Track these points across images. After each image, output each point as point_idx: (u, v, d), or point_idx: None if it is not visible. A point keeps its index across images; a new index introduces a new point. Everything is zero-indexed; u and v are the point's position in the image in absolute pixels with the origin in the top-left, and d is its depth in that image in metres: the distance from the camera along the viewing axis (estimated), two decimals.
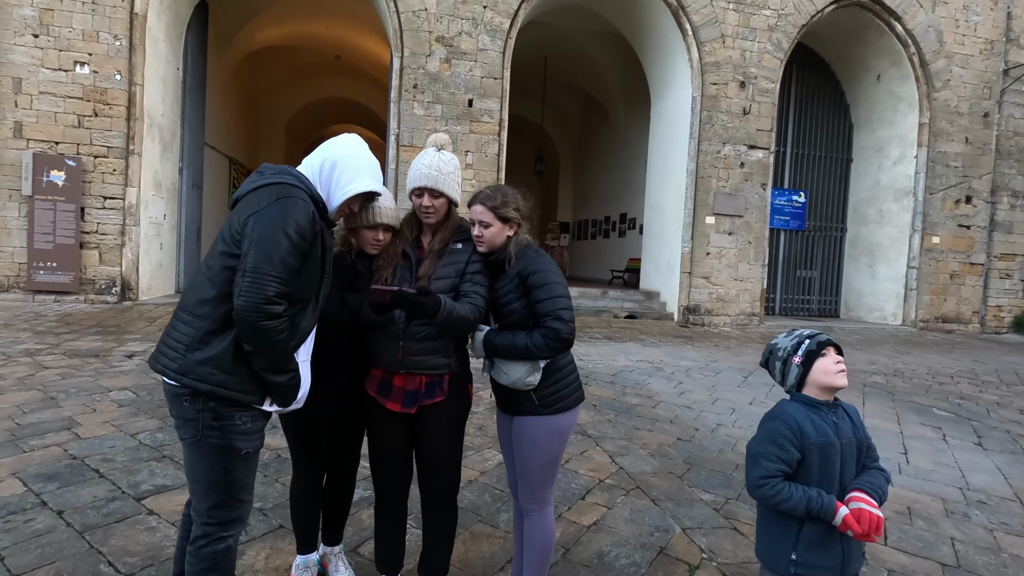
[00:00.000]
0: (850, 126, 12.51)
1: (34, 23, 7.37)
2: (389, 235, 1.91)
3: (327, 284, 1.68)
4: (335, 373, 1.88)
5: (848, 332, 10.18)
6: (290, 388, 1.57)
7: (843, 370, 1.48)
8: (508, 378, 1.80)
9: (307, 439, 1.95)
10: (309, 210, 1.53)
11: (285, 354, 1.54)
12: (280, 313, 1.47)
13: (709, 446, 3.84)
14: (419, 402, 1.78)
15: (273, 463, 3.06)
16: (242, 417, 1.53)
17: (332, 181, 1.66)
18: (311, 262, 1.57)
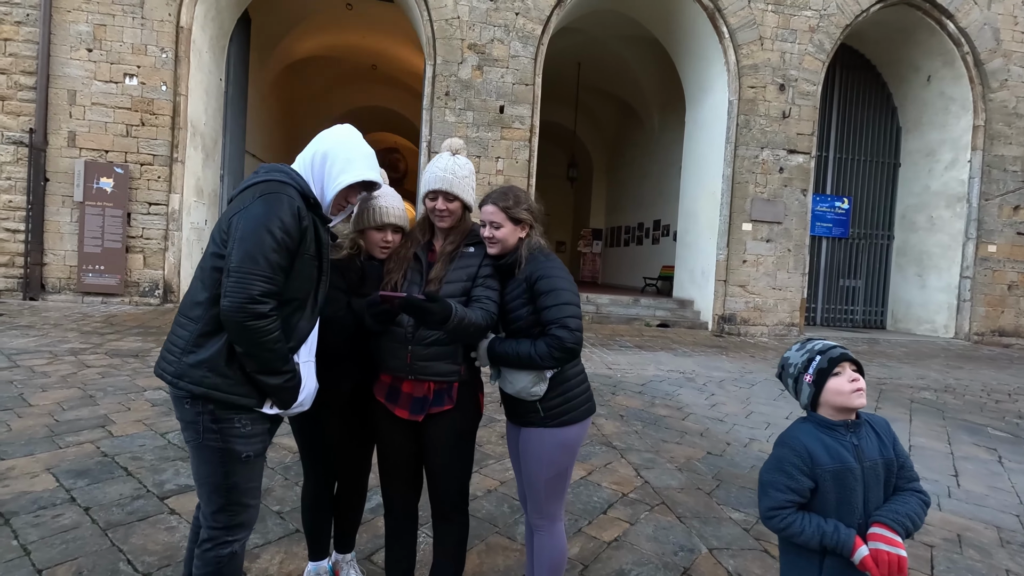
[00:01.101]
0: (897, 129, 11.99)
1: (88, 38, 7.75)
2: (399, 237, 1.89)
3: (326, 283, 1.64)
4: (340, 377, 1.86)
5: (895, 344, 9.69)
6: (286, 390, 1.53)
7: (860, 389, 1.34)
8: (513, 387, 1.75)
9: (313, 443, 1.94)
10: (294, 206, 1.48)
11: (277, 355, 1.48)
12: (266, 313, 1.43)
13: (741, 462, 3.67)
14: (427, 409, 1.74)
15: (294, 466, 3.07)
16: (241, 420, 1.50)
17: (324, 174, 1.61)
18: (303, 260, 1.53)
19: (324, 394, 1.83)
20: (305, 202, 1.54)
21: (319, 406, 1.85)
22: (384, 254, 1.88)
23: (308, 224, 1.52)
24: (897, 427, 4.49)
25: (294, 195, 1.52)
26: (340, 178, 1.59)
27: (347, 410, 1.91)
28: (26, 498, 2.51)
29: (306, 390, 1.60)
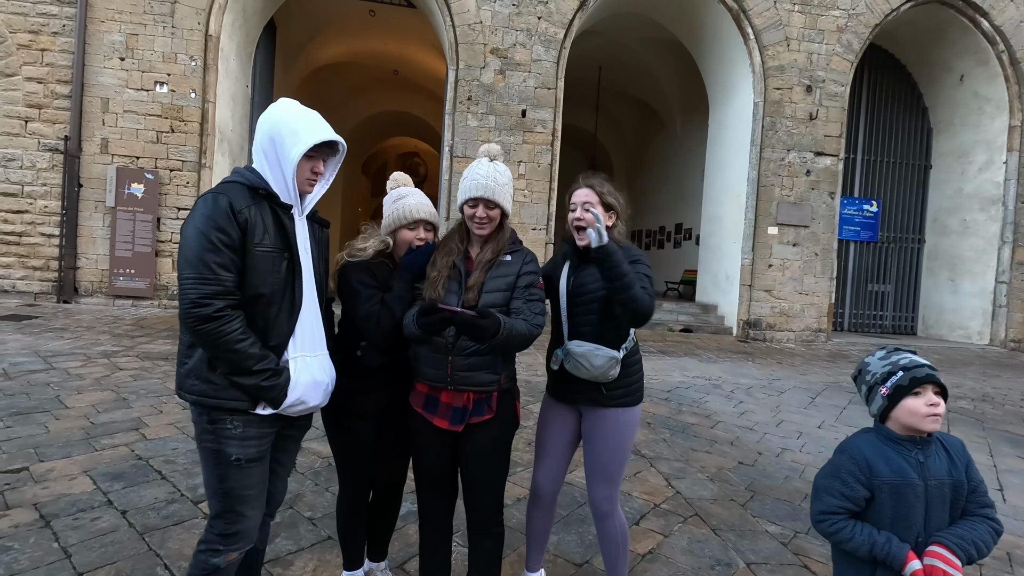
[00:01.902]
0: (928, 130, 11.69)
1: (121, 47, 7.94)
2: (431, 235, 1.92)
3: (313, 273, 1.62)
4: (377, 384, 1.85)
5: (928, 351, 9.42)
6: (265, 389, 1.49)
7: (936, 414, 1.29)
8: (589, 371, 1.82)
9: (348, 452, 1.93)
10: (225, 203, 1.45)
11: (242, 355, 1.44)
12: (212, 315, 1.40)
13: (774, 472, 3.59)
14: (466, 419, 1.72)
15: (324, 472, 3.07)
16: (233, 421, 1.50)
17: (278, 157, 1.54)
18: (257, 255, 1.48)
19: (360, 402, 1.83)
20: (253, 193, 1.50)
21: (354, 415, 1.85)
22: None
23: (251, 217, 1.47)
24: None
25: (231, 191, 1.48)
26: (292, 153, 1.51)
27: (383, 419, 1.90)
28: (65, 500, 2.55)
29: (301, 387, 1.55)
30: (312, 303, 1.62)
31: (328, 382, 1.65)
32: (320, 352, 1.64)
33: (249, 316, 1.50)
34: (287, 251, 1.53)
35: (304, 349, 1.58)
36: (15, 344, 5.47)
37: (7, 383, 4.26)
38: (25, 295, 7.86)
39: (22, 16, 7.76)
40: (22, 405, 3.79)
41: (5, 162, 7.79)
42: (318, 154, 1.58)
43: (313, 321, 1.62)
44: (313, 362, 1.60)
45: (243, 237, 1.45)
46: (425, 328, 1.61)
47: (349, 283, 1.83)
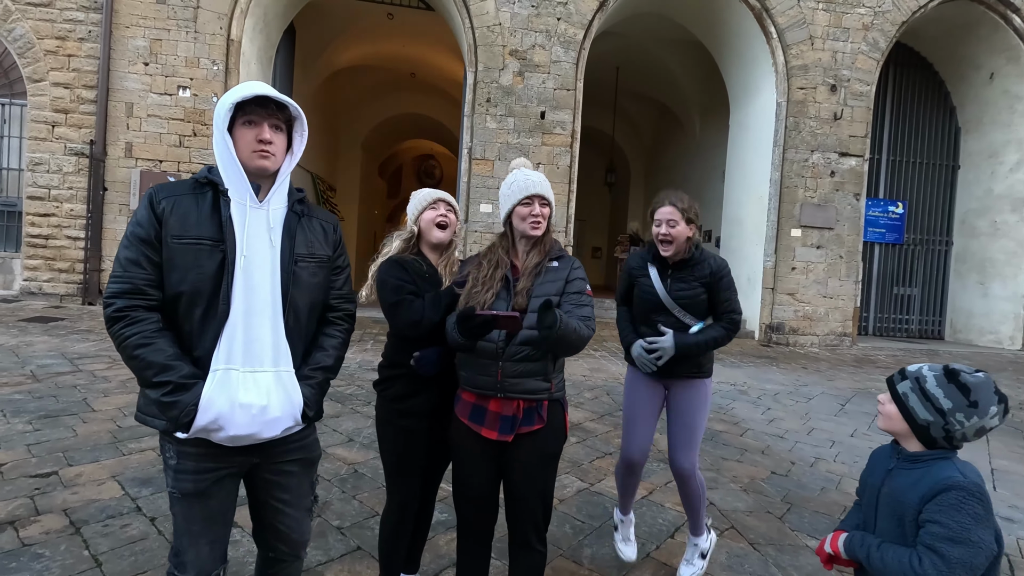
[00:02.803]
0: (956, 130, 11.40)
1: (145, 52, 8.04)
2: (452, 216, 2.00)
3: (233, 270, 1.35)
4: (428, 384, 1.84)
5: (957, 357, 9.17)
6: (164, 406, 1.28)
7: None
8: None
9: (402, 454, 1.88)
10: (148, 195, 1.35)
11: (140, 363, 1.27)
12: (112, 315, 1.29)
13: (809, 483, 3.48)
14: (516, 429, 1.67)
15: (350, 479, 3.03)
16: (169, 449, 1.37)
17: (217, 132, 1.37)
18: (173, 248, 1.32)
19: (411, 403, 1.84)
20: (194, 185, 1.39)
21: (406, 414, 1.84)
22: (442, 235, 1.97)
23: (171, 207, 1.33)
24: (975, 449, 4.20)
25: (167, 185, 1.39)
26: (218, 123, 1.36)
27: (435, 419, 1.86)
28: (95, 506, 2.54)
29: (215, 408, 1.30)
30: (265, 306, 1.38)
31: (272, 405, 1.36)
32: (269, 368, 1.37)
33: (174, 320, 1.34)
34: (221, 243, 1.33)
35: (236, 362, 1.34)
36: (42, 346, 5.53)
37: (36, 385, 4.30)
38: (51, 297, 7.98)
39: (49, 23, 7.89)
40: (51, 408, 3.82)
41: (33, 166, 7.92)
42: (258, 119, 1.36)
43: (264, 328, 1.37)
44: (245, 379, 1.34)
45: (160, 229, 1.32)
46: (466, 333, 1.57)
47: (381, 276, 1.88)
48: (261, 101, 1.37)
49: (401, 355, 1.86)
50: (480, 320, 1.54)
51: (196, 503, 1.38)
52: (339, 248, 1.60)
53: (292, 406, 1.42)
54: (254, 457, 1.43)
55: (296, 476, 1.52)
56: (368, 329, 7.72)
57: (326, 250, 1.53)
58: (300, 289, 1.45)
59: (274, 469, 1.47)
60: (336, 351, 1.56)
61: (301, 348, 1.48)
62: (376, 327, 7.82)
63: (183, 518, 1.39)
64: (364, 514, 2.66)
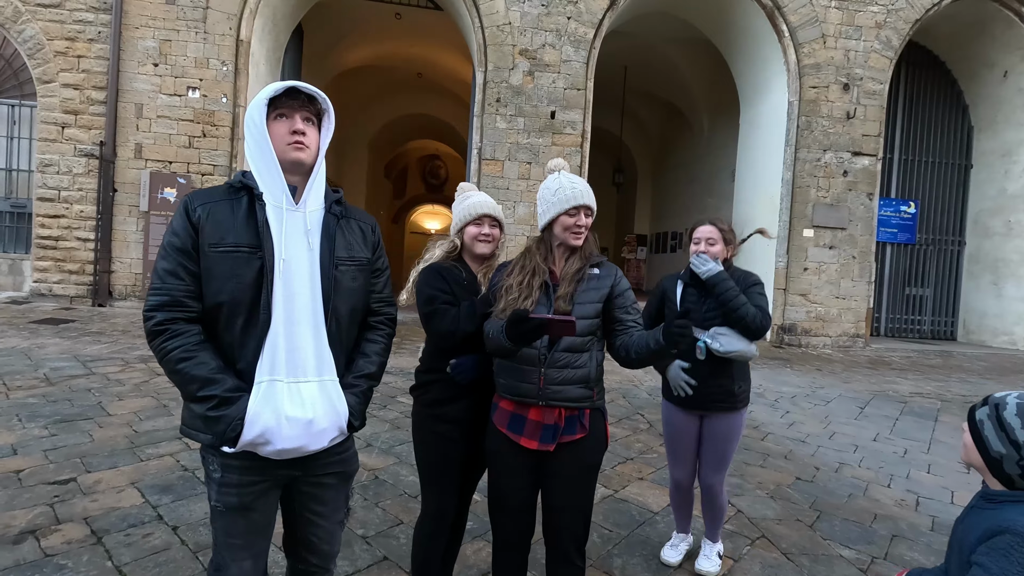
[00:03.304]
0: (969, 128, 11.30)
1: (155, 53, 8.01)
2: (496, 231, 1.94)
3: (272, 277, 1.29)
4: (465, 391, 1.80)
5: (971, 358, 9.08)
6: (210, 421, 1.24)
7: None
8: (730, 347, 2.20)
9: (437, 462, 1.84)
10: (183, 203, 1.32)
11: (183, 377, 1.25)
12: (152, 329, 1.25)
13: (835, 490, 3.41)
14: (558, 438, 1.62)
15: (372, 486, 2.98)
16: (214, 462, 1.33)
17: (255, 136, 1.33)
18: (211, 257, 1.27)
19: (447, 409, 1.81)
20: (228, 190, 1.34)
21: (442, 420, 1.81)
22: (485, 248, 1.91)
23: (207, 214, 1.29)
24: None
25: (201, 192, 1.36)
26: (256, 120, 1.32)
27: (472, 426, 1.82)
28: (115, 515, 2.49)
29: (262, 421, 1.26)
30: (306, 313, 1.33)
31: (318, 416, 1.33)
32: (313, 378, 1.34)
33: (215, 331, 1.30)
34: (259, 249, 1.28)
35: (280, 372, 1.30)
36: (54, 348, 5.50)
37: (50, 389, 4.26)
38: (61, 299, 7.97)
39: (59, 24, 7.87)
40: (66, 412, 3.78)
41: (43, 167, 7.91)
42: (290, 111, 1.33)
43: (306, 336, 1.33)
44: (290, 390, 1.30)
45: (196, 238, 1.28)
46: (516, 338, 1.51)
47: (418, 285, 1.86)
48: (291, 93, 1.34)
49: (438, 361, 1.83)
50: (533, 324, 1.47)
51: (240, 517, 1.34)
52: (378, 250, 1.55)
53: (338, 416, 1.38)
54: (296, 470, 1.39)
55: (333, 489, 1.47)
56: None
57: (366, 252, 1.48)
58: (341, 294, 1.40)
59: (312, 481, 1.43)
60: (379, 357, 1.52)
61: (344, 355, 1.44)
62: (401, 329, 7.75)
63: (226, 532, 1.35)
64: (388, 522, 2.61)
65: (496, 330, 1.60)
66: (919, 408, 5.60)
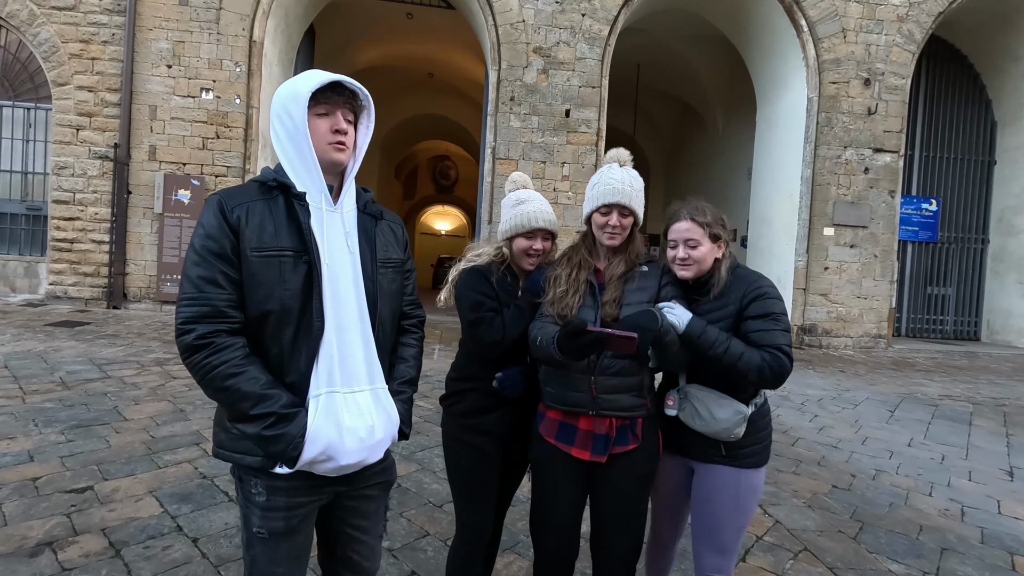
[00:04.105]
0: (992, 124, 11.04)
1: (168, 55, 8.00)
2: (549, 244, 1.76)
3: (321, 282, 1.21)
4: (504, 401, 1.68)
5: (999, 359, 8.85)
6: (268, 440, 1.15)
7: None
8: (711, 425, 1.53)
9: (472, 478, 1.71)
10: (217, 204, 1.19)
11: (234, 394, 1.14)
12: (194, 343, 1.13)
13: (875, 499, 3.27)
14: (610, 448, 1.52)
15: (395, 494, 2.88)
16: (257, 485, 1.22)
17: (289, 132, 1.22)
18: (254, 262, 1.17)
19: (484, 421, 1.69)
20: (262, 188, 1.24)
21: (478, 432, 1.68)
22: (532, 264, 1.75)
23: (246, 215, 1.19)
24: None
25: (233, 191, 1.24)
26: (296, 112, 1.21)
27: (509, 439, 1.71)
28: (133, 525, 2.41)
29: (324, 437, 1.18)
30: (353, 319, 1.26)
31: (376, 426, 1.26)
32: (365, 387, 1.27)
33: (260, 343, 1.20)
34: (304, 253, 1.20)
35: (336, 383, 1.22)
36: (70, 351, 5.47)
37: (66, 393, 4.22)
38: (76, 301, 7.97)
39: (73, 26, 7.88)
40: (82, 417, 3.72)
41: (58, 170, 7.92)
42: (332, 108, 1.24)
43: (356, 343, 1.26)
44: (347, 401, 1.23)
45: (236, 241, 1.18)
46: (571, 352, 1.40)
47: (460, 288, 1.71)
48: (335, 87, 1.24)
49: (473, 368, 1.73)
50: (591, 339, 1.36)
51: (284, 542, 1.24)
52: (407, 249, 1.50)
53: (392, 425, 1.33)
54: (342, 485, 1.31)
55: (375, 501, 1.40)
56: None
57: (399, 253, 1.43)
58: (384, 298, 1.35)
59: (356, 495, 1.35)
60: (416, 360, 1.48)
61: (387, 361, 1.39)
62: None
63: (267, 560, 1.24)
64: (414, 534, 2.51)
65: (547, 339, 1.49)
66: (951, 411, 5.42)
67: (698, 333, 1.49)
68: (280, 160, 1.26)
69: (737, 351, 1.48)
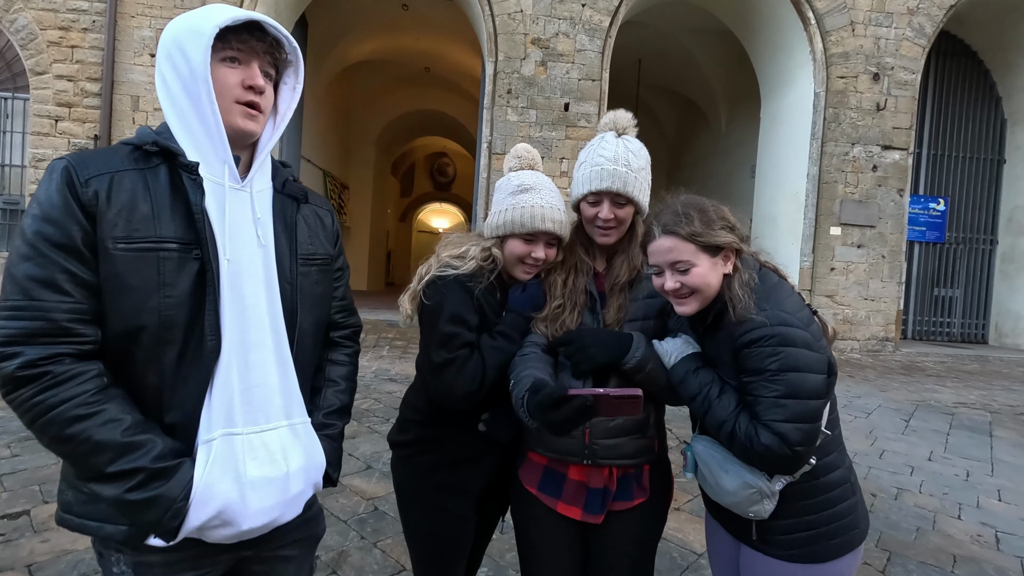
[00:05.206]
0: (1002, 122, 10.76)
1: (151, 43, 7.68)
2: (553, 252, 1.33)
3: (218, 286, 0.89)
4: (488, 449, 1.32)
5: (1010, 363, 8.57)
6: (133, 507, 0.83)
7: None
8: (719, 496, 1.16)
9: (439, 544, 1.36)
10: (61, 176, 0.84)
11: (84, 444, 0.81)
12: (19, 373, 0.79)
13: (900, 522, 2.98)
14: (607, 505, 1.20)
15: (369, 519, 2.59)
16: (120, 562, 0.90)
17: (183, 78, 0.89)
18: (119, 258, 0.84)
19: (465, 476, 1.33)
20: (136, 154, 0.90)
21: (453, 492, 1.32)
22: (527, 275, 1.34)
23: (107, 190, 0.85)
24: None
25: (90, 156, 0.88)
26: (193, 56, 0.88)
27: (487, 493, 1.38)
28: (65, 561, 2.11)
29: (220, 496, 0.88)
30: (263, 334, 0.95)
31: (293, 475, 0.97)
32: (280, 422, 0.97)
33: (129, 370, 0.88)
34: (194, 246, 0.89)
35: (237, 421, 0.92)
36: None
37: None
38: None
39: (52, 12, 7.56)
40: None
41: (36, 162, 7.60)
42: (246, 55, 0.93)
43: (267, 366, 0.96)
44: (253, 443, 0.93)
45: (92, 228, 0.84)
46: (551, 426, 1.04)
47: (430, 308, 1.28)
48: (252, 30, 0.92)
49: (443, 409, 1.30)
50: (574, 408, 0.98)
51: None
52: (338, 243, 1.17)
53: (315, 470, 1.02)
54: (246, 549, 0.99)
55: (295, 562, 1.08)
56: (383, 333, 7.30)
57: (327, 247, 1.11)
58: (306, 305, 1.02)
59: (267, 558, 1.03)
60: (348, 383, 1.15)
61: (309, 385, 1.07)
62: (392, 331, 7.40)
63: None
64: (389, 568, 2.21)
65: (518, 395, 1.12)
66: (969, 421, 5.14)
67: (678, 379, 1.15)
68: (167, 118, 0.93)
69: (718, 417, 1.10)
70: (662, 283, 1.16)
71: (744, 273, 1.16)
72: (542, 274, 1.34)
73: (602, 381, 1.20)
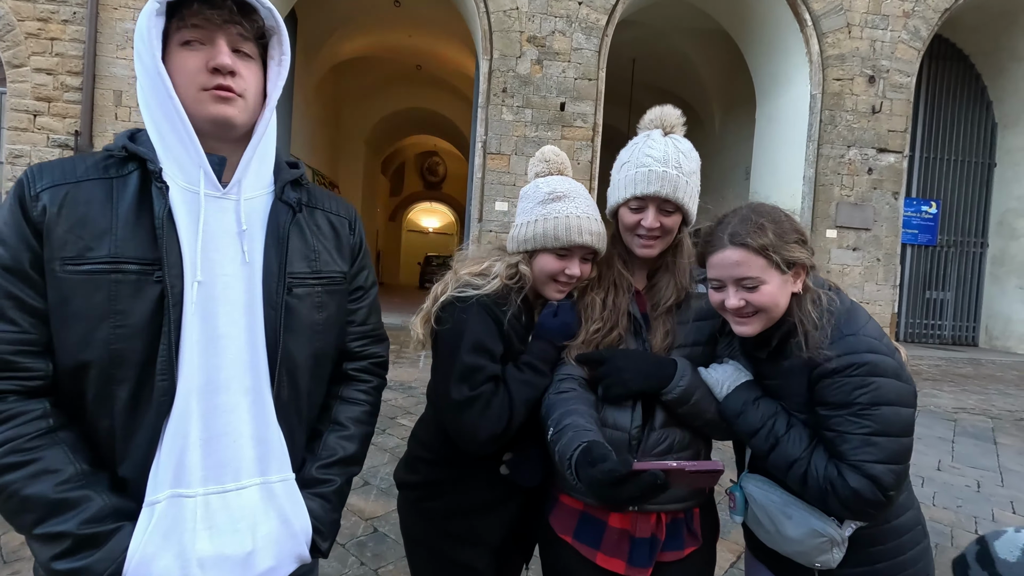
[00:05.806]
0: (993, 125, 10.84)
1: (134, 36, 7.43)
2: (588, 267, 1.17)
3: (180, 315, 0.76)
4: (508, 494, 1.17)
5: (1003, 367, 8.60)
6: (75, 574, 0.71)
7: None
8: (779, 544, 1.03)
9: None
10: (15, 187, 0.75)
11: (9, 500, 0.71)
12: None
13: None
14: (655, 556, 1.06)
15: (369, 542, 2.44)
16: None
17: (146, 64, 0.76)
18: (66, 282, 0.73)
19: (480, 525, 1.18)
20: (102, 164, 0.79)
21: (468, 543, 1.17)
22: (559, 294, 1.17)
23: (58, 206, 0.74)
24: None
25: (49, 167, 0.76)
26: (149, 30, 0.77)
27: (506, 544, 1.24)
28: None
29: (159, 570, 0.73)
30: (238, 370, 0.81)
31: (260, 549, 0.81)
32: (251, 480, 0.83)
33: (82, 410, 0.77)
34: (156, 267, 0.76)
35: (190, 479, 0.77)
36: None
37: None
38: None
39: (31, 3, 7.28)
40: None
41: (13, 159, 7.31)
42: (206, 33, 0.78)
43: (237, 411, 0.81)
44: (209, 508, 0.78)
45: (39, 247, 0.74)
46: (605, 499, 0.89)
47: (449, 335, 1.10)
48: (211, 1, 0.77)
49: (458, 449, 1.12)
50: (645, 485, 0.81)
51: None
52: (360, 257, 1.00)
53: (294, 540, 0.84)
54: None
55: None
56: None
57: (339, 263, 0.94)
58: (297, 334, 0.85)
59: None
60: (359, 427, 0.97)
61: (303, 433, 0.90)
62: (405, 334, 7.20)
63: None
64: None
65: (565, 448, 0.93)
66: (971, 427, 5.10)
67: (734, 411, 1.02)
68: (144, 120, 0.80)
69: (788, 455, 0.97)
70: (722, 300, 1.02)
71: (820, 294, 1.02)
72: (574, 293, 1.19)
73: (645, 405, 1.06)
